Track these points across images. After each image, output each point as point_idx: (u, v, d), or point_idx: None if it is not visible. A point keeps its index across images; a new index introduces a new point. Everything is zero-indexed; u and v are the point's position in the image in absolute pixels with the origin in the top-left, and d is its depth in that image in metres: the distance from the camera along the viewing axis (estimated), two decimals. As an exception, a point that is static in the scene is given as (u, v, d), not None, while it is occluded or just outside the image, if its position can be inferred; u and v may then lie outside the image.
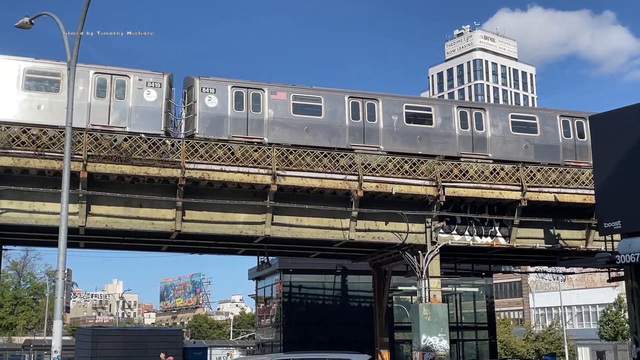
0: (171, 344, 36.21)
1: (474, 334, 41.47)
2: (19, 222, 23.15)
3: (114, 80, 24.54)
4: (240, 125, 25.43)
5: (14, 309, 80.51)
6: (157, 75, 25.02)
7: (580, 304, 79.18)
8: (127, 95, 24.49)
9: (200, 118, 25.00)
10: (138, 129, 24.18)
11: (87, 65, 24.28)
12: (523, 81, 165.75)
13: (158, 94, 24.75)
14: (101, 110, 24.10)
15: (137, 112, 24.46)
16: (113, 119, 24.18)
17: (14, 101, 23.42)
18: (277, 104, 25.95)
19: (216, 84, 25.58)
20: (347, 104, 26.86)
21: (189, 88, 25.75)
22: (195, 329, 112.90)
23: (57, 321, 17.73)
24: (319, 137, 26.18)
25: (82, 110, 23.53)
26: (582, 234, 28.65)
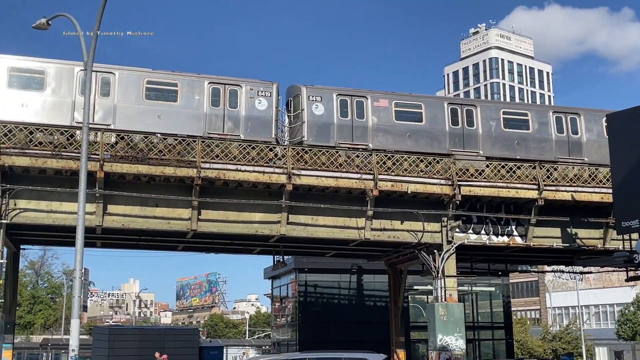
0: (187, 343, 36.35)
1: (490, 334, 41.27)
2: (36, 221, 23.34)
3: (227, 89, 25.35)
4: (346, 132, 26.23)
5: (31, 308, 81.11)
6: (267, 85, 25.83)
7: (598, 303, 78.57)
8: (239, 104, 25.32)
9: (308, 125, 25.80)
10: (251, 137, 25.06)
11: (202, 76, 25.36)
12: (539, 79, 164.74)
13: (269, 103, 25.54)
14: (216, 119, 25.00)
15: (250, 121, 25.29)
16: (227, 127, 25.10)
17: None
18: (380, 111, 26.66)
19: (322, 92, 26.48)
20: (446, 110, 27.48)
21: (295, 96, 26.50)
22: (211, 328, 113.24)
23: (74, 320, 17.84)
24: (421, 143, 26.88)
25: (200, 119, 24.73)
26: (600, 233, 28.43)
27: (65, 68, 23.62)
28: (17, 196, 22.74)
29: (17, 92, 23.54)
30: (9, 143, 21.98)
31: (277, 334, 47.08)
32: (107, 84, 24.22)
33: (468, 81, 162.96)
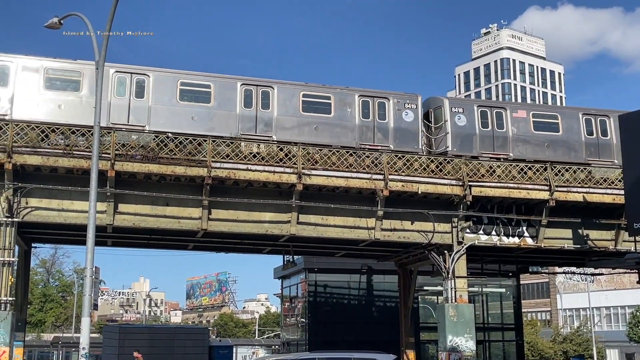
0: (197, 342, 36.42)
1: (500, 335, 41.09)
2: (48, 220, 23.45)
3: (375, 102, 26.63)
4: (487, 142, 27.24)
5: (42, 306, 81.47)
6: (413, 97, 27.02)
7: (609, 305, 78.10)
8: (388, 116, 26.46)
9: (452, 136, 26.81)
10: (399, 147, 26.16)
11: (352, 89, 26.64)
12: (551, 80, 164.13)
13: (414, 115, 26.72)
14: (367, 131, 26.26)
15: (398, 132, 26.44)
16: (377, 138, 26.29)
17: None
18: (519, 122, 27.60)
19: (463, 104, 28.18)
20: (581, 120, 28.29)
21: (436, 108, 27.44)
22: (220, 328, 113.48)
23: (85, 318, 17.91)
24: (558, 153, 27.89)
25: (353, 130, 26.10)
26: (612, 235, 28.25)
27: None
28: (29, 195, 22.86)
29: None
30: (21, 142, 22.09)
31: (286, 333, 47.11)
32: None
33: (479, 82, 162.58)
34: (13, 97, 23.61)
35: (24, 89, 23.75)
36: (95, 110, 18.85)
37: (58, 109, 23.80)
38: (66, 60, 24.48)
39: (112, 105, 24.06)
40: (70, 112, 23.75)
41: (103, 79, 19.69)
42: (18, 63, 23.91)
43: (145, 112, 24.44)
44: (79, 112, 23.70)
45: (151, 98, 24.66)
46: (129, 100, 24.31)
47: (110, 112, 23.99)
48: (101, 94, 19.26)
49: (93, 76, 22.73)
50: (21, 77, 23.79)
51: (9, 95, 23.63)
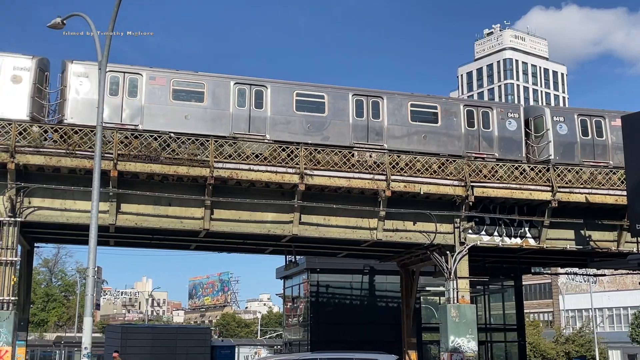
0: (199, 342, 36.51)
1: (502, 336, 41.03)
2: (50, 219, 23.49)
3: (479, 111, 27.82)
4: (588, 150, 28.00)
5: (45, 305, 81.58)
6: (515, 107, 28.39)
7: (612, 306, 77.95)
8: (492, 125, 27.50)
9: (554, 145, 27.60)
10: (504, 156, 27.18)
11: (458, 99, 28.58)
12: (554, 80, 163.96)
13: (517, 124, 27.74)
14: (472, 139, 27.27)
15: (502, 141, 27.46)
16: (482, 147, 27.36)
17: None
18: (617, 130, 27.85)
19: (565, 112, 28.91)
20: None
21: (536, 116, 28.18)
22: (223, 328, 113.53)
23: (87, 318, 17.92)
24: None
25: (459, 139, 27.14)
26: (614, 236, 28.22)
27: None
28: (32, 194, 22.90)
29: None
30: (24, 142, 22.13)
31: (288, 333, 47.11)
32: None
33: (482, 82, 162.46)
34: (143, 107, 24.47)
35: (154, 100, 24.67)
36: (97, 110, 18.88)
37: (185, 120, 24.72)
38: (190, 72, 25.49)
39: (234, 116, 24.97)
40: (196, 123, 24.73)
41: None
42: (146, 75, 24.83)
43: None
44: (204, 123, 24.84)
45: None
46: None
47: (232, 122, 24.90)
48: (104, 94, 19.26)
49: (215, 87, 24.99)
50: (149, 89, 24.72)
51: (139, 105, 24.57)
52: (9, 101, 23.32)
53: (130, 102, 24.49)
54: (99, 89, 19.34)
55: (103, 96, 19.18)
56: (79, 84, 24.01)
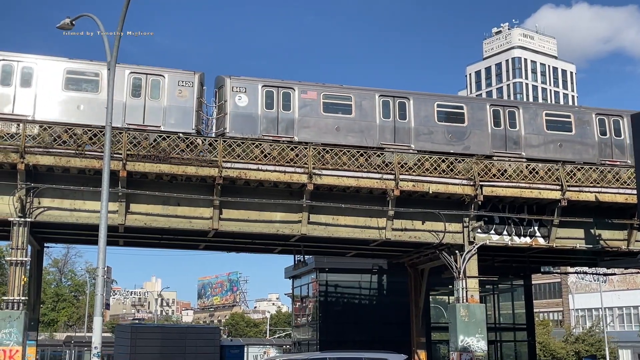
0: (208, 341, 36.46)
1: (512, 335, 40.90)
2: (60, 220, 23.59)
3: (610, 120, 28.48)
4: None
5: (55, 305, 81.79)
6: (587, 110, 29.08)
7: (622, 305, 77.62)
8: (623, 133, 28.28)
9: None
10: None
11: (591, 108, 28.66)
12: (563, 79, 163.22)
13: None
14: (605, 147, 28.07)
15: None
16: (615, 154, 28.25)
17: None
18: None
19: None
20: None
21: None
22: (232, 327, 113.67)
23: (97, 318, 17.97)
24: None
25: (594, 147, 27.92)
26: (624, 235, 28.09)
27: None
28: (41, 195, 23.00)
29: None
30: (34, 142, 22.22)
31: (297, 333, 47.12)
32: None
33: (490, 81, 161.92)
34: (296, 120, 25.62)
35: (307, 113, 25.76)
36: (107, 110, 18.93)
37: (336, 131, 25.92)
38: (337, 86, 26.75)
39: None
40: (346, 134, 25.76)
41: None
42: (298, 89, 26.00)
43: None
44: (354, 134, 25.97)
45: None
46: None
47: None
48: (113, 94, 19.31)
49: (361, 99, 26.31)
50: (302, 102, 25.97)
51: (293, 118, 25.77)
52: (176, 116, 24.59)
53: (285, 115, 25.61)
54: (108, 90, 19.37)
55: (112, 96, 19.19)
56: (237, 99, 25.32)
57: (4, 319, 21.96)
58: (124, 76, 24.28)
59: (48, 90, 23.99)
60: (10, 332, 21.86)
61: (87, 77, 24.51)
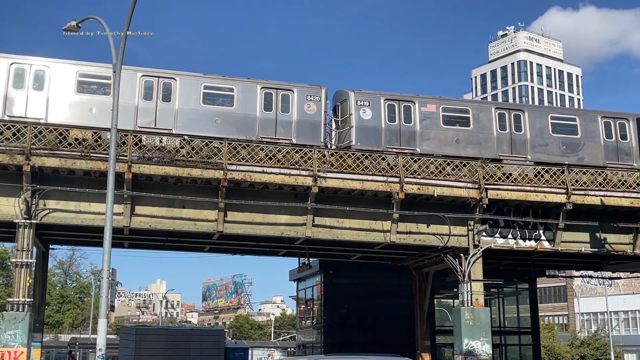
0: (213, 343, 36.51)
1: (517, 339, 40.82)
2: (65, 222, 23.62)
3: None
4: None
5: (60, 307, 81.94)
6: None
7: (627, 309, 77.34)
8: None
9: None
10: None
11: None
12: (568, 82, 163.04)
13: None
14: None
15: None
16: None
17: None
18: None
19: None
20: None
21: None
22: (236, 330, 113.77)
23: (101, 320, 18.01)
24: None
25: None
26: (630, 238, 28.01)
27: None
28: (47, 196, 23.04)
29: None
30: (40, 144, 22.28)
31: (302, 336, 47.08)
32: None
33: (496, 84, 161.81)
34: (418, 133, 26.31)
35: (428, 125, 26.40)
36: (112, 112, 18.98)
37: (455, 143, 26.70)
38: (455, 99, 27.56)
39: None
40: (465, 146, 26.42)
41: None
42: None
43: None
44: (472, 146, 26.74)
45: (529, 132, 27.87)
46: None
47: None
48: (118, 97, 19.36)
49: (478, 112, 27.10)
50: (423, 115, 26.85)
51: (414, 130, 26.68)
52: (306, 129, 25.69)
53: (406, 127, 26.61)
54: (113, 93, 19.45)
55: (118, 100, 19.25)
56: (362, 112, 26.19)
57: (9, 320, 21.99)
58: (257, 91, 25.53)
59: None
60: (15, 334, 21.89)
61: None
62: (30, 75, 24.01)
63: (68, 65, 24.54)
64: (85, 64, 24.78)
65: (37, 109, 23.83)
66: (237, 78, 25.76)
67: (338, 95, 27.28)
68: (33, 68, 24.12)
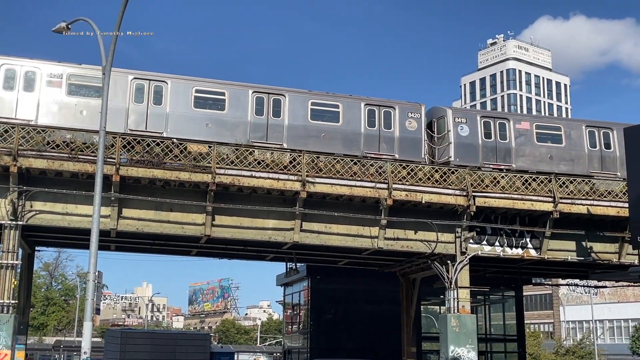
0: (199, 348, 36.38)
1: (502, 346, 40.91)
2: (52, 223, 23.48)
3: None
4: None
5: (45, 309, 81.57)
6: None
7: (612, 318, 77.84)
8: None
9: None
10: None
11: None
12: (557, 91, 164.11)
13: None
14: None
15: None
16: None
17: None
18: None
19: None
20: None
21: None
22: (222, 334, 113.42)
23: (87, 322, 17.92)
24: None
25: None
26: (615, 247, 28.18)
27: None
28: (33, 198, 22.91)
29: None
30: (27, 145, 22.17)
31: (288, 341, 47.00)
32: None
33: (485, 92, 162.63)
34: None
35: (177, 107, 25.26)
36: (101, 114, 18.92)
37: (549, 160, 27.22)
38: (549, 117, 27.05)
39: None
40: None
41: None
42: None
43: None
44: (565, 163, 27.22)
45: None
46: None
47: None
48: (107, 99, 19.31)
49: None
50: (517, 133, 27.56)
51: (510, 147, 27.62)
52: (408, 146, 26.64)
53: (502, 144, 27.62)
54: (102, 96, 19.38)
55: (106, 102, 19.20)
56: (459, 129, 27.25)
57: (-7, 322, 21.82)
58: (361, 108, 26.56)
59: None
60: (-1, 336, 21.73)
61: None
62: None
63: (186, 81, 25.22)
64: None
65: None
66: (340, 95, 26.82)
67: (433, 112, 28.17)
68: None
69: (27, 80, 23.91)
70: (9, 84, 23.81)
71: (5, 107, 23.63)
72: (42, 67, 24.18)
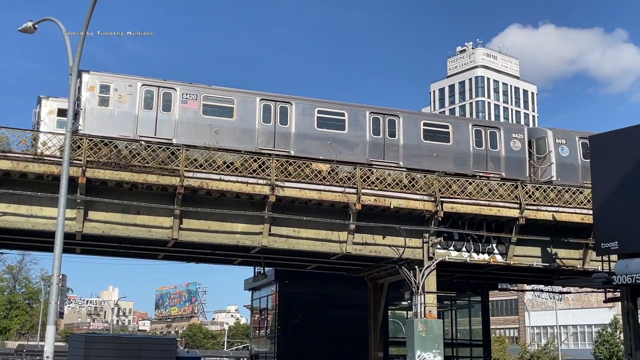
0: (165, 352, 35.97)
1: (468, 351, 41.21)
2: (15, 226, 23.10)
3: None
4: None
5: (8, 313, 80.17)
6: None
7: (576, 323, 78.90)
8: None
9: None
10: None
11: None
12: (524, 99, 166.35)
13: None
14: None
15: None
16: None
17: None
18: None
19: None
20: None
21: None
22: (189, 338, 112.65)
23: (50, 326, 17.66)
24: None
25: None
26: (580, 254, 28.59)
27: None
28: (-3, 200, 22.52)
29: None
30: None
31: (255, 346, 46.80)
32: None
33: (454, 99, 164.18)
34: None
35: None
36: (67, 117, 18.69)
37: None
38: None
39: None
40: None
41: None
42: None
43: None
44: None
45: None
46: None
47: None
48: (75, 101, 19.08)
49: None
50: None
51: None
52: (513, 165, 28.31)
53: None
54: (69, 97, 19.15)
55: (74, 105, 18.98)
56: (560, 150, 28.80)
57: (-47, 326, 21.42)
58: (469, 129, 28.27)
59: None
60: (-41, 340, 21.35)
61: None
62: None
63: None
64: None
65: None
66: (450, 116, 28.59)
67: (533, 132, 29.68)
68: None
69: None
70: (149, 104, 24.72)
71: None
72: None
